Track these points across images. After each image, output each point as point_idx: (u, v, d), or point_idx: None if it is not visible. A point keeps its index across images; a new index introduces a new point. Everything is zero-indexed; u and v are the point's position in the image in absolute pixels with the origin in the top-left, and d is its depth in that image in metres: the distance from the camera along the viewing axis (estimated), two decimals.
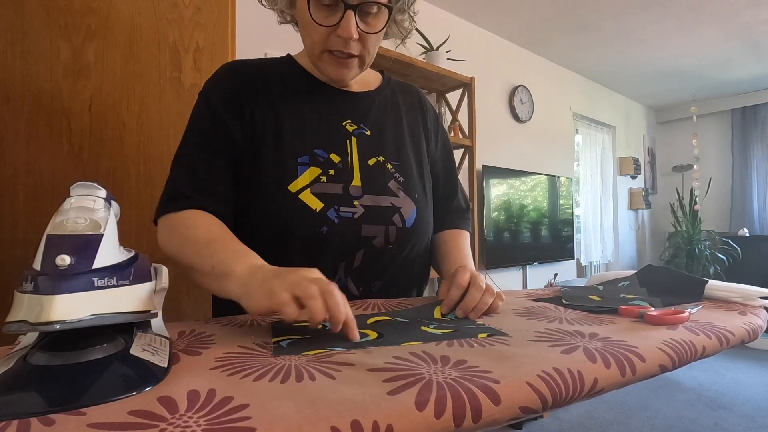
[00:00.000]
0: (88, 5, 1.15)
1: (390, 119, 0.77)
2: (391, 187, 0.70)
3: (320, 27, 0.63)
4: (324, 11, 0.62)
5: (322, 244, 0.65)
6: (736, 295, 0.66)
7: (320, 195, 0.65)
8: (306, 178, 0.65)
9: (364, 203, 0.67)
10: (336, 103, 0.73)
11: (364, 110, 0.75)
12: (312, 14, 0.62)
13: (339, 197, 0.66)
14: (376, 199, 0.68)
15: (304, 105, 0.71)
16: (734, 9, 2.85)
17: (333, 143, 0.69)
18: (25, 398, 0.28)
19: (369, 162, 0.71)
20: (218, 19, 1.31)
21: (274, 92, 0.70)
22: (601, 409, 2.44)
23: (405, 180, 0.73)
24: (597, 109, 4.30)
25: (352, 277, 0.68)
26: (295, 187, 0.64)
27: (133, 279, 0.36)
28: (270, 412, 0.28)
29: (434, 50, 2.42)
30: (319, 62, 0.68)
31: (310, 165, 0.66)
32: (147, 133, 1.24)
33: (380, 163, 0.72)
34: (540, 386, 0.34)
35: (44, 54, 1.11)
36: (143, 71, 1.23)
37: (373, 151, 0.72)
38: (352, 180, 0.68)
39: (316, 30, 0.64)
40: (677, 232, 4.36)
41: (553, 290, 0.79)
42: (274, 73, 0.73)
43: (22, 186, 1.09)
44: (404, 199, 0.71)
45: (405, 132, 0.78)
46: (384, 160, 0.72)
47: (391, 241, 0.69)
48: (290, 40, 2.06)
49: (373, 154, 0.72)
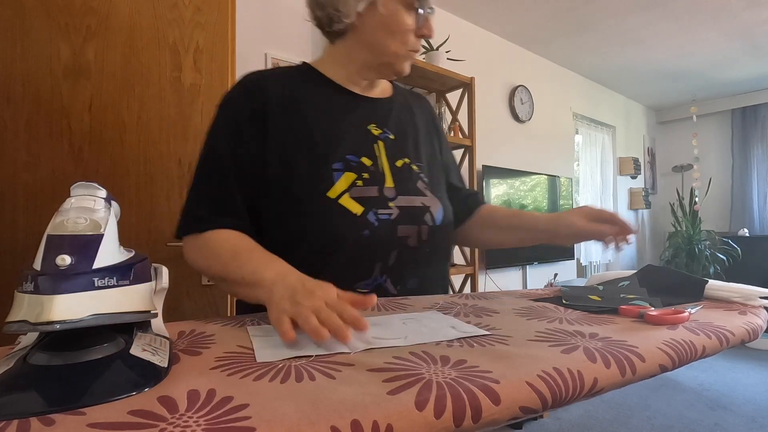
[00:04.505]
0: (88, 5, 1.15)
1: (407, 123, 0.81)
2: (419, 188, 0.74)
3: (408, 29, 0.70)
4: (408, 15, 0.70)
5: (364, 247, 0.66)
6: (736, 295, 0.66)
7: (359, 199, 0.67)
8: (343, 184, 0.67)
9: (399, 204, 0.70)
10: (360, 109, 0.76)
11: (385, 115, 0.78)
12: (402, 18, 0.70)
13: (376, 200, 0.68)
14: (409, 199, 0.71)
15: (330, 112, 0.73)
16: (734, 9, 2.85)
17: (362, 148, 0.71)
18: (25, 398, 0.28)
19: (397, 164, 0.74)
20: (218, 19, 1.31)
21: (301, 101, 0.72)
22: (601, 408, 2.44)
23: (429, 180, 0.76)
24: (597, 109, 4.30)
25: (389, 276, 0.69)
26: (335, 193, 0.66)
27: (133, 279, 0.36)
28: (270, 412, 0.28)
29: (434, 50, 2.42)
30: (396, 60, 0.73)
31: (345, 170, 0.68)
32: (147, 133, 1.24)
33: (407, 165, 0.75)
34: (540, 386, 0.34)
35: (44, 54, 1.11)
36: (143, 71, 1.23)
37: (399, 153, 0.75)
38: (385, 182, 0.70)
39: (404, 31, 0.70)
40: (677, 232, 4.35)
41: (553, 290, 0.79)
42: (297, 82, 0.74)
43: (22, 186, 1.09)
44: (432, 198, 0.74)
45: (420, 135, 0.82)
46: (409, 162, 0.75)
47: (423, 240, 0.71)
48: (290, 41, 2.07)
49: (400, 156, 0.75)
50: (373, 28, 0.71)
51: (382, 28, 0.70)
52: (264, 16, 1.99)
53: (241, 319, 0.54)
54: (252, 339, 0.44)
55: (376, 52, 0.73)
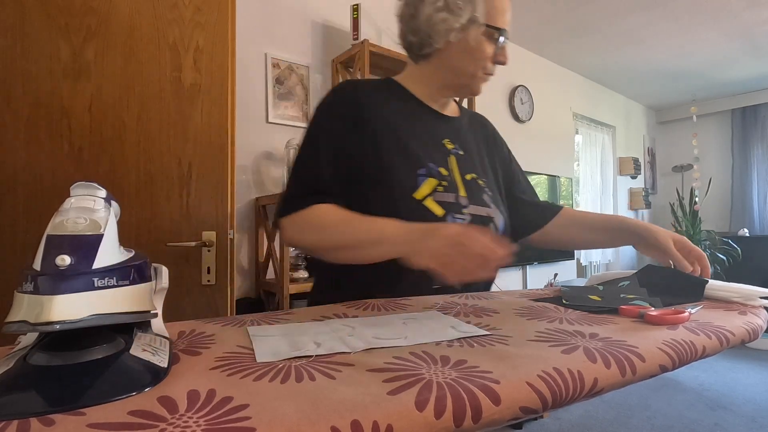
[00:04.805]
0: (88, 5, 1.15)
1: (472, 141, 0.90)
2: (485, 200, 0.82)
3: (488, 56, 0.79)
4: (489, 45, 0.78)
5: None
6: (737, 295, 0.66)
7: (440, 203, 0.75)
8: (427, 188, 0.75)
9: (470, 212, 0.78)
10: (437, 124, 0.85)
11: (456, 132, 0.87)
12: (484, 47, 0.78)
13: (453, 206, 0.76)
14: (478, 209, 0.79)
15: (415, 123, 0.82)
16: (734, 9, 2.85)
17: (439, 159, 0.80)
18: (25, 398, 0.28)
19: (467, 177, 0.82)
20: (218, 19, 1.31)
21: (395, 111, 0.80)
22: (601, 409, 2.44)
23: (492, 194, 0.85)
24: (597, 109, 4.30)
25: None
26: (420, 195, 0.74)
27: (133, 279, 0.36)
28: (270, 412, 0.28)
29: None
30: (472, 81, 0.82)
31: (428, 176, 0.76)
32: (147, 133, 1.24)
33: (474, 179, 0.83)
34: (540, 386, 0.34)
35: (44, 54, 1.11)
36: (143, 71, 1.23)
37: (468, 168, 0.84)
38: (459, 192, 0.78)
39: (485, 58, 0.78)
40: (677, 232, 4.35)
41: (553, 290, 0.79)
42: (389, 94, 0.83)
43: (22, 186, 1.09)
44: (495, 210, 0.83)
45: (483, 152, 0.92)
46: (476, 177, 0.84)
47: None
48: (290, 41, 2.07)
49: (468, 170, 0.83)
50: (458, 53, 0.79)
51: (466, 54, 0.79)
52: (264, 16, 1.99)
53: (241, 319, 0.54)
54: (252, 339, 0.44)
55: (457, 75, 0.81)
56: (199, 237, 1.28)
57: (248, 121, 1.92)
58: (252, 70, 1.94)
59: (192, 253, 1.28)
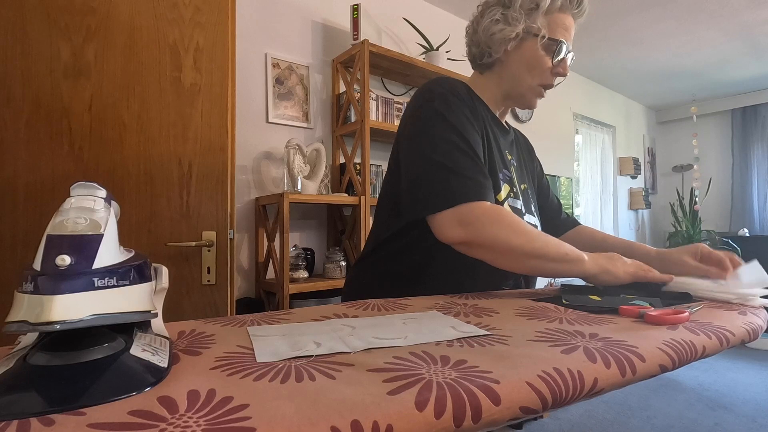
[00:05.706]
0: (88, 5, 1.15)
1: (521, 155, 0.98)
2: (533, 209, 0.91)
3: (546, 67, 0.83)
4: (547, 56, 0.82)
5: None
6: (734, 296, 0.66)
7: (512, 207, 0.82)
8: (505, 191, 0.82)
9: (525, 219, 0.85)
10: (502, 135, 0.91)
11: (511, 145, 0.94)
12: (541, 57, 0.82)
13: (518, 211, 0.83)
14: (530, 217, 0.88)
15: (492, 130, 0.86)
16: (734, 9, 2.85)
17: (505, 168, 0.86)
18: (25, 398, 0.28)
19: (522, 187, 0.90)
20: (218, 19, 1.31)
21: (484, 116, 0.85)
22: (601, 409, 2.44)
23: (535, 204, 0.94)
24: (597, 109, 4.30)
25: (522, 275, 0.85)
26: (500, 197, 0.80)
27: (133, 279, 0.36)
28: (270, 412, 0.28)
29: (434, 50, 2.42)
30: (529, 93, 0.86)
31: (504, 181, 0.83)
32: (147, 133, 1.24)
33: (525, 189, 0.91)
34: (540, 386, 0.34)
35: (44, 54, 1.11)
36: (143, 71, 1.23)
37: (521, 178, 0.92)
38: (519, 199, 0.86)
39: (542, 68, 0.83)
40: (677, 232, 4.36)
41: (553, 290, 0.79)
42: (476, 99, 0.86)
43: (22, 186, 1.09)
44: (537, 219, 0.92)
45: (527, 165, 0.99)
46: (526, 188, 0.92)
47: None
48: (290, 41, 2.07)
49: (522, 181, 0.92)
50: (517, 63, 0.84)
51: (523, 64, 0.83)
52: (264, 16, 1.99)
53: (241, 319, 0.54)
54: (252, 339, 0.44)
55: (517, 84, 0.86)
56: (199, 237, 1.28)
57: (248, 121, 1.92)
58: (252, 70, 1.94)
59: (192, 253, 1.28)
